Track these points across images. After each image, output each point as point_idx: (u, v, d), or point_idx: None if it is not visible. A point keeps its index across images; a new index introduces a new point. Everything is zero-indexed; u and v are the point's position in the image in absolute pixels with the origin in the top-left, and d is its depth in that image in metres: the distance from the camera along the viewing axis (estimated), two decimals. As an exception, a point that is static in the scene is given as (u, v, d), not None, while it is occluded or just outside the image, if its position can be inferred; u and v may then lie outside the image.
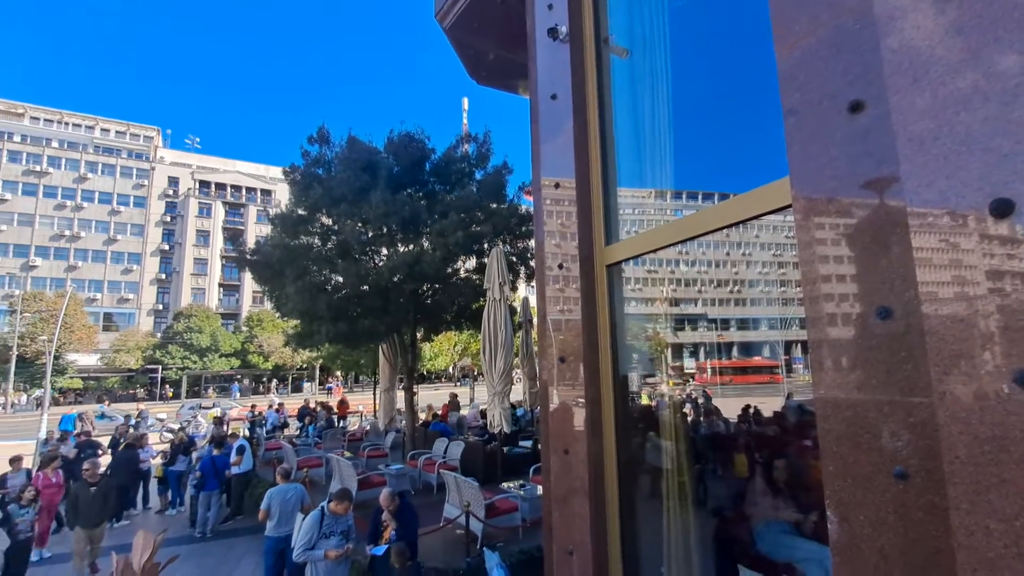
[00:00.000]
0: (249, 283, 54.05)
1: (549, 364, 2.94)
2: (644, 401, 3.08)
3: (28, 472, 8.75)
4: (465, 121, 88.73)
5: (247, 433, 15.08)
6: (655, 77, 2.74)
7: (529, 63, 3.40)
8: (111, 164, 52.72)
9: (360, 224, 10.38)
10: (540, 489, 7.96)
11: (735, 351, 3.30)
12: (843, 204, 1.37)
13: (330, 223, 11.02)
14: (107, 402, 31.57)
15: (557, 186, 2.94)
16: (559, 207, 2.95)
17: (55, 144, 51.49)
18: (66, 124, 54.71)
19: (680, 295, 3.17)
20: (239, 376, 49.47)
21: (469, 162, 12.47)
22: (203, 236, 54.83)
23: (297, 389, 50.20)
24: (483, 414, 15.86)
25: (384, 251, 11.40)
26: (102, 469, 8.06)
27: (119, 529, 8.98)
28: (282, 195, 57.82)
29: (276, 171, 60.04)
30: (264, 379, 51.23)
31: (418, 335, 13.11)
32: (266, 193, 59.44)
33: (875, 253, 1.30)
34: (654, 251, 2.54)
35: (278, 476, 6.45)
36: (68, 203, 49.97)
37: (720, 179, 2.51)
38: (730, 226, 2.16)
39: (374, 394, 22.46)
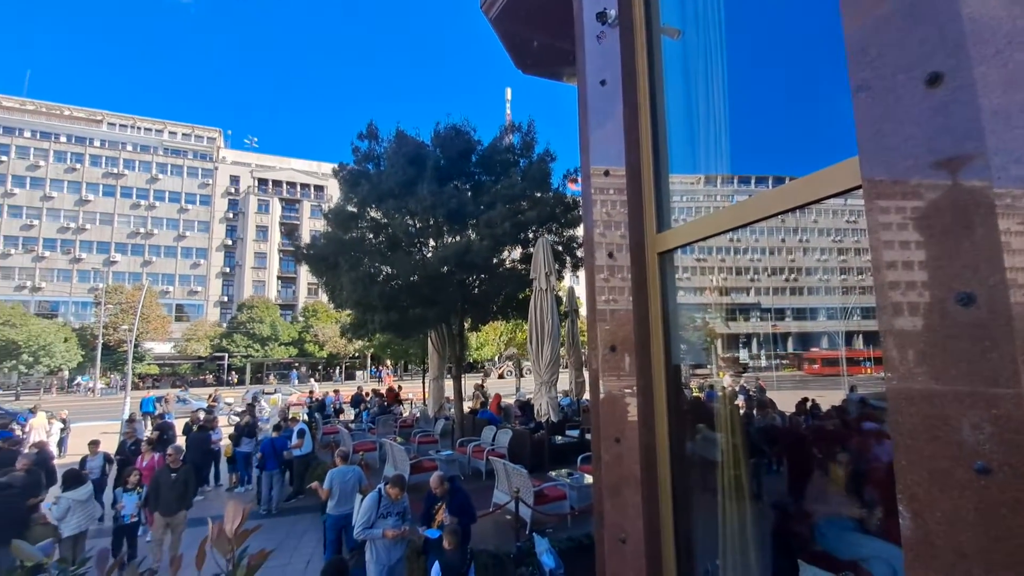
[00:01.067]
0: (304, 275, 56.60)
1: (598, 353, 2.93)
2: (696, 392, 3.03)
3: (106, 455, 9.15)
4: (508, 111, 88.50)
5: (306, 417, 15.91)
6: (709, 56, 2.65)
7: (576, 49, 3.36)
8: (179, 165, 56.32)
9: (408, 216, 10.64)
10: (588, 478, 7.98)
11: (791, 342, 3.18)
12: (919, 184, 1.30)
13: (380, 216, 11.36)
14: (184, 386, 34.07)
15: (607, 173, 2.90)
16: (609, 195, 2.91)
17: (129, 148, 55.48)
18: (138, 128, 58.81)
19: (733, 284, 3.08)
20: (297, 364, 52.06)
21: (514, 152, 12.49)
22: (262, 231, 57.77)
23: (350, 377, 52.27)
24: (522, 407, 15.93)
25: (432, 242, 11.64)
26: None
27: (195, 504, 9.72)
28: (333, 190, 59.91)
29: (328, 167, 62.20)
30: (319, 367, 53.64)
31: (465, 324, 13.33)
32: (319, 189, 61.78)
33: (956, 236, 1.22)
34: (708, 238, 2.47)
35: (337, 458, 6.78)
36: (142, 203, 53.90)
37: (778, 162, 2.40)
38: (792, 210, 2.08)
39: (423, 382, 23.08)
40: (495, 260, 12.11)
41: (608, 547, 2.93)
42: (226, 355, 46.84)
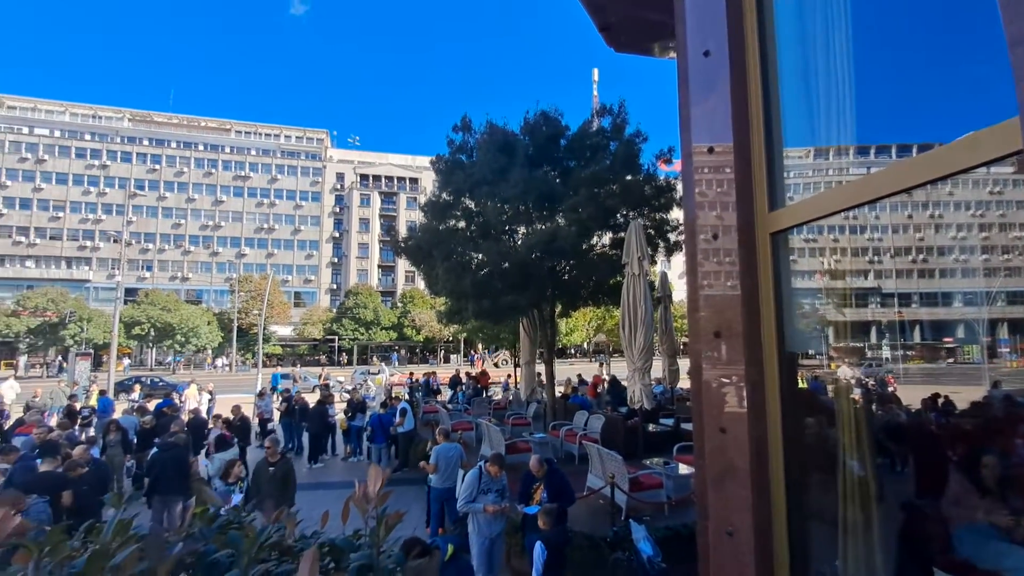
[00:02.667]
0: (402, 264, 60.06)
1: (702, 339, 2.80)
2: (812, 382, 2.81)
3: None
4: (595, 93, 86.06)
5: (407, 397, 17.03)
6: (829, 14, 2.40)
7: (676, 20, 3.18)
8: (294, 166, 62.24)
9: (500, 205, 10.86)
10: (682, 468, 7.76)
11: (919, 330, 2.82)
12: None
13: (472, 206, 11.71)
14: (298, 365, 37.95)
15: (711, 151, 2.75)
16: (714, 173, 2.76)
17: (253, 152, 62.16)
18: (260, 135, 65.55)
19: (851, 266, 2.79)
20: (397, 347, 55.69)
21: (604, 135, 12.19)
22: (364, 223, 62.21)
23: (446, 360, 54.86)
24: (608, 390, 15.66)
25: (522, 229, 11.79)
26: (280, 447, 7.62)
27: (316, 469, 10.90)
28: (427, 182, 62.68)
29: (422, 160, 65.16)
30: (417, 350, 56.91)
31: (556, 310, 13.39)
32: (413, 181, 64.97)
33: None
34: (828, 216, 2.26)
35: (439, 435, 7.19)
36: (265, 201, 60.37)
37: (911, 129, 2.13)
38: (933, 182, 1.84)
39: (515, 366, 23.60)
40: (584, 246, 11.98)
41: (713, 539, 2.83)
42: (336, 338, 51.39)
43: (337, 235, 62.23)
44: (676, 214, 13.20)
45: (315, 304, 58.50)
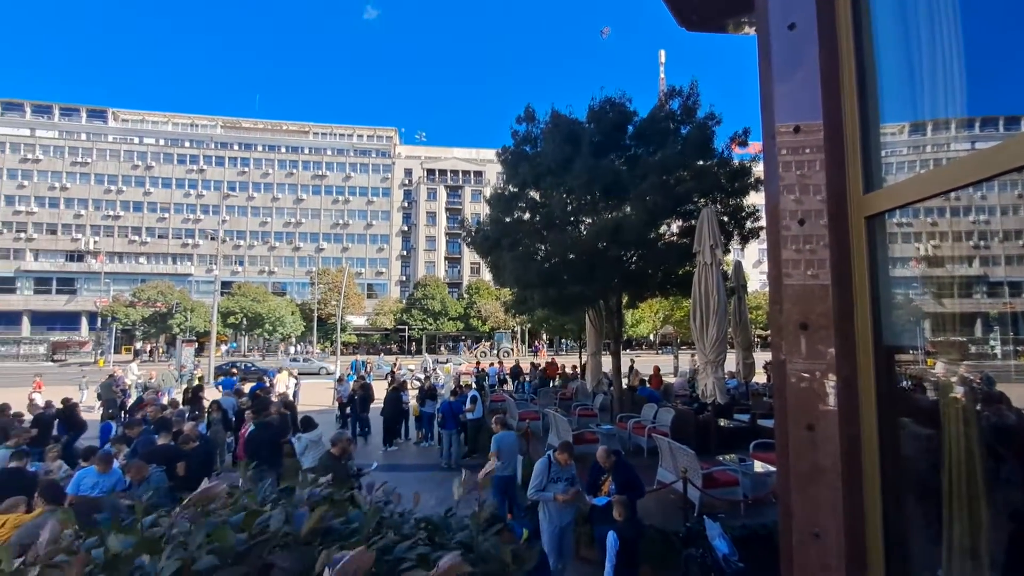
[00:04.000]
0: (468, 256, 61.34)
1: (787, 332, 2.66)
2: (911, 377, 2.58)
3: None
4: (662, 75, 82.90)
5: (474, 385, 17.47)
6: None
7: (757, -7, 2.99)
8: (365, 163, 65.29)
9: (565, 195, 10.78)
10: (758, 465, 7.41)
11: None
12: None
13: (537, 197, 11.70)
14: (381, 353, 39.93)
15: (797, 130, 2.59)
16: (799, 154, 2.60)
17: (329, 152, 65.75)
18: (335, 135, 69.18)
19: (956, 252, 2.52)
20: (464, 336, 57.12)
21: (674, 119, 11.70)
22: (431, 217, 64.15)
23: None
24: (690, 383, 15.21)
25: (588, 219, 11.64)
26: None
27: (391, 452, 11.48)
28: (491, 175, 63.42)
29: (486, 153, 65.97)
30: (483, 340, 58.01)
31: (622, 301, 13.13)
32: (478, 174, 65.97)
33: None
34: (931, 197, 2.07)
35: (495, 424, 7.34)
36: (340, 198, 63.84)
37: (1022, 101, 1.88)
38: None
39: (579, 357, 23.47)
40: (652, 234, 11.63)
41: (797, 541, 2.71)
42: (406, 327, 53.55)
43: (406, 229, 64.66)
44: (753, 199, 12.47)
45: (386, 295, 61.25)
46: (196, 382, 19.00)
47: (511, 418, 12.33)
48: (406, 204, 65.20)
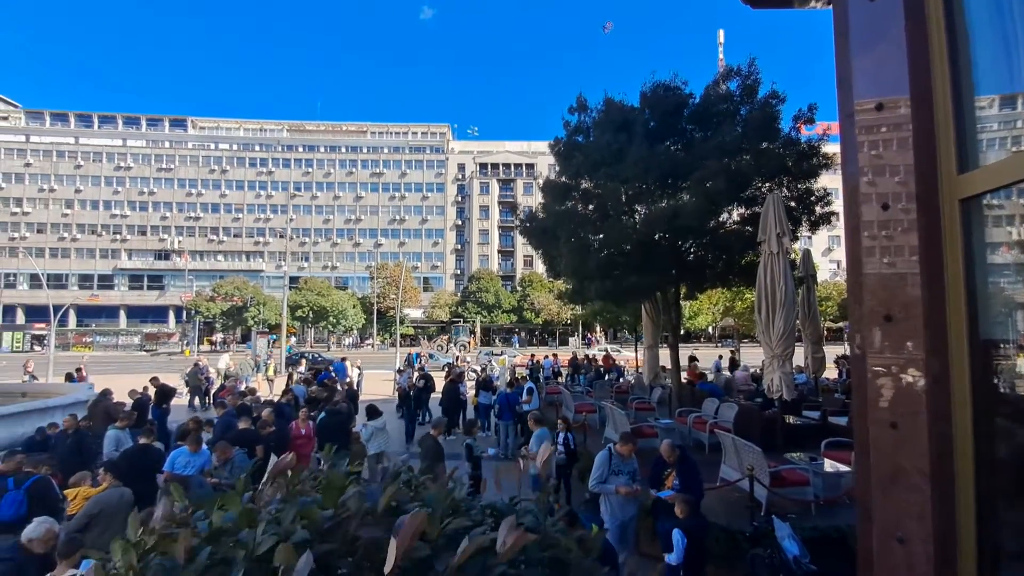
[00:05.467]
0: (520, 248, 61.57)
1: (868, 324, 2.52)
2: (1011, 374, 2.36)
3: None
4: (721, 56, 79.17)
5: (527, 376, 17.58)
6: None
7: (832, -36, 2.82)
8: (420, 160, 66.92)
9: (619, 185, 10.57)
10: (828, 464, 7.02)
11: None
12: None
13: (591, 187, 11.54)
14: (434, 344, 41.01)
15: (879, 107, 2.42)
16: (882, 133, 2.43)
17: (386, 150, 67.87)
18: (391, 134, 71.30)
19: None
20: (517, 329, 57.55)
21: (732, 100, 11.13)
22: (484, 210, 64.86)
23: (563, 343, 55.39)
24: (754, 377, 14.58)
25: (644, 208, 11.35)
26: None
27: (449, 442, 11.77)
28: (543, 167, 63.14)
29: (537, 145, 65.73)
30: (536, 332, 58.23)
31: (681, 292, 12.75)
32: (530, 167, 65.90)
33: None
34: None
35: (531, 421, 7.36)
36: (396, 194, 65.86)
37: None
38: None
39: (635, 350, 23.05)
40: (712, 222, 11.18)
41: (879, 545, 2.57)
42: (461, 320, 54.62)
43: (460, 223, 65.79)
44: (823, 182, 11.70)
45: (441, 288, 62.68)
46: (269, 371, 20.30)
47: (567, 410, 12.33)
48: (459, 199, 66.31)
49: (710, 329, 54.46)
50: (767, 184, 10.95)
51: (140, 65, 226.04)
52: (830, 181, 13.88)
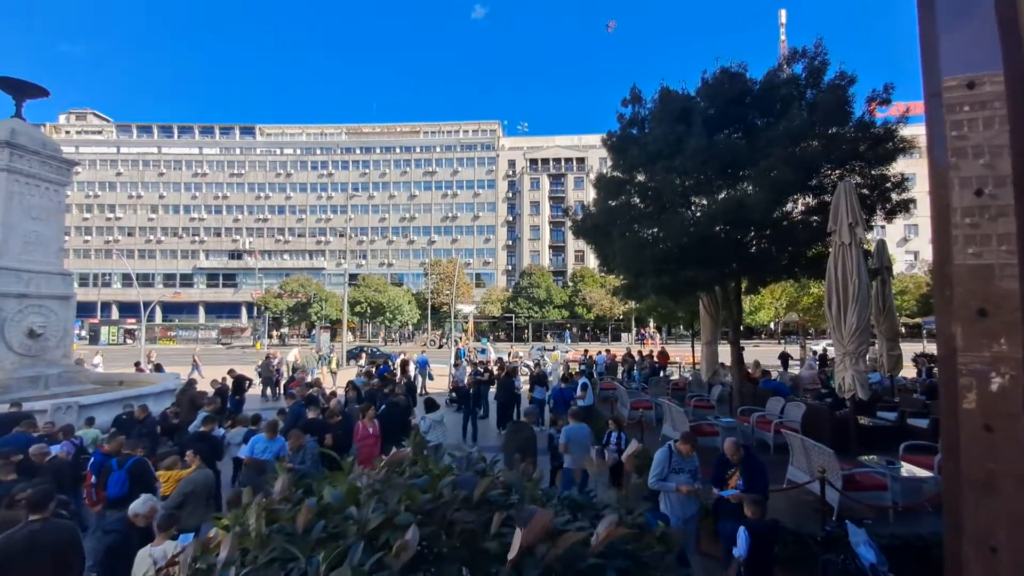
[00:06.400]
0: (572, 244, 61.11)
1: (959, 319, 2.36)
2: None
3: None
4: (783, 37, 74.89)
5: (579, 370, 17.46)
6: None
7: (915, -65, 2.64)
8: (471, 157, 67.78)
9: (677, 176, 10.27)
10: (905, 468, 6.57)
11: None
12: None
13: (646, 181, 11.27)
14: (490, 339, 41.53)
15: (971, 85, 2.26)
16: (973, 112, 2.27)
17: (438, 149, 69.22)
18: (443, 133, 72.55)
19: None
20: (568, 324, 57.25)
21: (797, 84, 10.52)
22: (534, 206, 64.83)
23: (616, 338, 54.53)
24: (822, 365, 13.77)
25: (703, 200, 10.98)
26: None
27: (503, 435, 11.94)
28: (593, 161, 62.27)
29: (588, 139, 64.82)
30: (588, 328, 57.66)
31: (742, 286, 12.23)
32: (580, 161, 65.18)
33: None
34: None
35: (570, 417, 7.25)
36: (448, 192, 67.07)
37: None
38: None
39: (692, 346, 22.35)
40: (776, 213, 10.65)
41: (968, 555, 2.41)
42: (513, 315, 54.98)
43: (511, 219, 66.12)
44: (900, 167, 10.85)
45: (493, 284, 63.34)
46: (332, 363, 21.31)
47: (622, 406, 12.19)
48: (510, 195, 66.63)
49: (772, 325, 51.86)
50: (837, 171, 10.31)
51: (213, 76, 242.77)
52: (907, 166, 12.84)
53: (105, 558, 4.30)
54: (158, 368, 18.14)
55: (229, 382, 12.88)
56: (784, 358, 20.57)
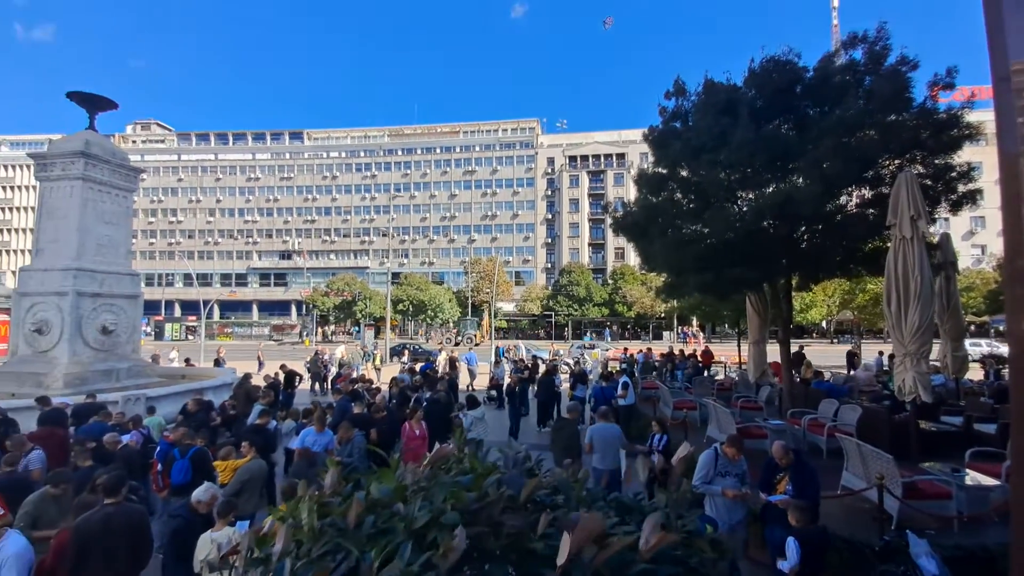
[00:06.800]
0: (612, 241, 60.31)
1: (1030, 317, 2.22)
2: None
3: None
4: (835, 21, 71.37)
5: (624, 370, 17.23)
6: None
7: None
8: (510, 156, 68.01)
9: (722, 171, 9.95)
10: (970, 476, 6.20)
11: None
12: None
13: (690, 176, 10.98)
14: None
15: (1045, 70, 2.13)
16: (1048, 99, 2.14)
17: (477, 148, 69.79)
18: (482, 132, 73.04)
19: None
20: (608, 322, 56.58)
21: (855, 70, 9.97)
22: (573, 203, 64.37)
23: (657, 336, 53.45)
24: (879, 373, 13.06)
25: (750, 194, 10.60)
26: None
27: (545, 433, 11.96)
28: (634, 156, 61.18)
29: (628, 134, 63.78)
30: (628, 326, 56.78)
31: (792, 283, 11.73)
32: (620, 157, 64.18)
33: None
34: None
35: (598, 417, 7.14)
36: (488, 191, 67.55)
37: None
38: None
39: (737, 345, 21.64)
40: (829, 206, 10.17)
41: (1044, 569, 2.25)
42: (552, 313, 54.84)
43: (550, 217, 65.92)
44: (966, 155, 10.14)
45: (533, 282, 63.36)
46: (376, 360, 21.89)
47: (664, 406, 11.96)
48: (549, 192, 66.41)
49: (823, 323, 49.57)
50: (896, 161, 9.73)
51: (266, 85, 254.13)
52: (974, 154, 11.92)
53: (171, 541, 4.61)
54: (217, 363, 19.20)
55: (281, 377, 13.49)
56: (851, 357, 19.39)
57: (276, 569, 1.33)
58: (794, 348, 12.98)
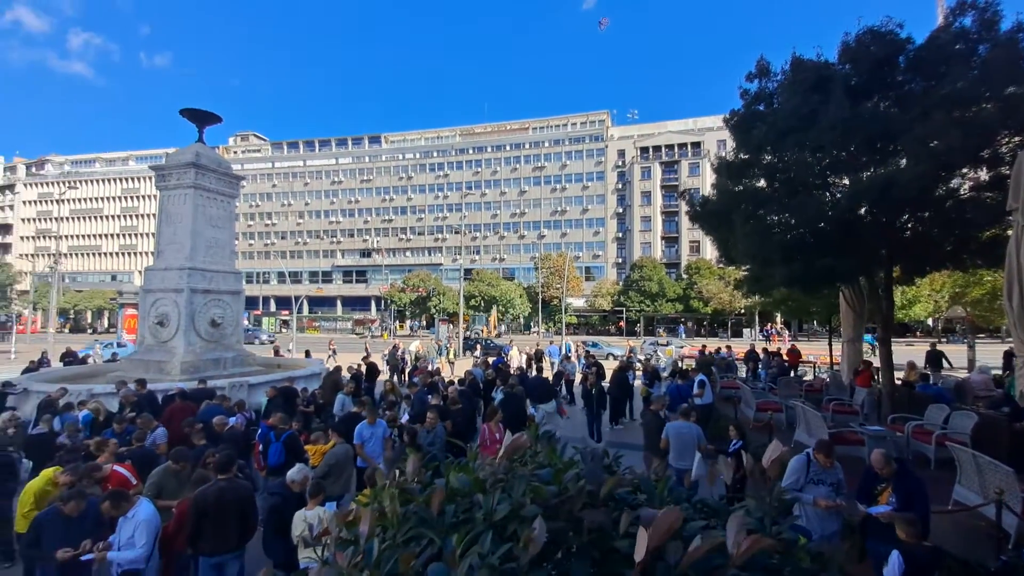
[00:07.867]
0: (686, 234, 57.88)
1: None
2: None
3: None
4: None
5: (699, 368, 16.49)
6: None
7: None
8: (579, 150, 67.18)
9: (811, 154, 9.22)
10: None
11: None
12: None
13: (775, 160, 10.27)
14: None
15: None
16: None
17: (546, 144, 69.58)
18: (551, 127, 72.74)
19: None
20: (683, 319, 54.36)
21: (967, 38, 8.83)
22: (645, 196, 62.34)
23: (737, 334, 50.61)
24: (997, 381, 11.55)
25: (844, 179, 9.75)
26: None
27: (617, 431, 11.78)
28: (710, 144, 58.19)
29: (703, 121, 60.77)
30: (704, 322, 54.20)
31: (893, 276, 10.65)
32: (695, 146, 61.23)
33: None
34: None
35: (679, 415, 6.79)
36: (557, 186, 67.21)
37: None
38: None
39: (828, 344, 19.96)
40: (938, 191, 9.11)
41: None
42: (624, 309, 53.60)
43: (620, 211, 64.40)
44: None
45: (603, 278, 62.29)
46: (450, 353, 22.55)
47: (746, 407, 11.34)
48: (620, 186, 64.85)
49: (929, 321, 44.44)
50: (1017, 138, 8.53)
51: (349, 93, 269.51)
52: None
53: (269, 516, 5.07)
54: (307, 354, 20.73)
55: (363, 368, 14.31)
56: (935, 358, 15.25)
57: (366, 550, 1.37)
58: (924, 346, 11.74)
